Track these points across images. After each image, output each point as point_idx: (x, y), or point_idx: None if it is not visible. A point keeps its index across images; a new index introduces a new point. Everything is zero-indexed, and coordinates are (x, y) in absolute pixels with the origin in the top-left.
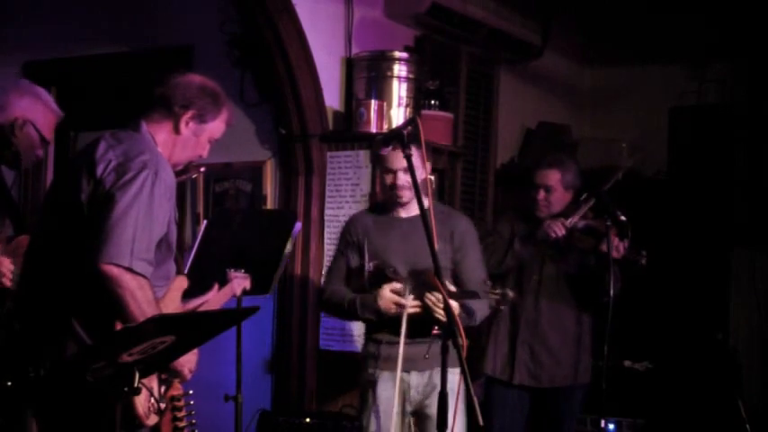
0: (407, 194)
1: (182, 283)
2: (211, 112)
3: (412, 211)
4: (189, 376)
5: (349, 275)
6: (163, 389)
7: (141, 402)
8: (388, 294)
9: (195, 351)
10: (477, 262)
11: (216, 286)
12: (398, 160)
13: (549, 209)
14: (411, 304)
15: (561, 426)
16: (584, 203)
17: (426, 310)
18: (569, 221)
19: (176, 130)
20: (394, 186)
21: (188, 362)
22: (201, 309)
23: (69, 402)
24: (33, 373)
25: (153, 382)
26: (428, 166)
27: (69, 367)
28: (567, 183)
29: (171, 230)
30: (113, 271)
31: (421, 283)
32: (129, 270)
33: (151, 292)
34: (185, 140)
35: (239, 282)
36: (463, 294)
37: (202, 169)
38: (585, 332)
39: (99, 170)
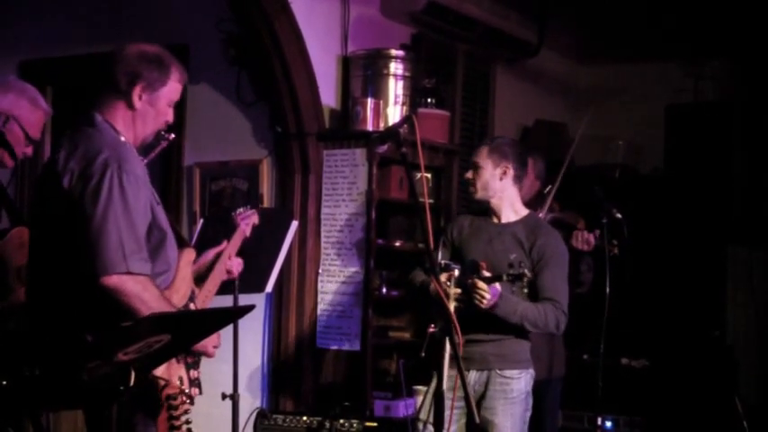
0: (472, 189)
1: (189, 256)
2: (160, 79)
3: (504, 217)
4: (214, 354)
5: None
6: (194, 374)
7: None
8: (440, 280)
9: None
10: (556, 278)
11: (225, 241)
12: (475, 154)
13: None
14: (453, 291)
15: (543, 419)
16: (548, 196)
17: (467, 303)
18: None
19: (131, 107)
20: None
21: (211, 340)
22: (218, 262)
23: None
24: (28, 373)
25: (181, 370)
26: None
27: (65, 367)
28: (537, 173)
29: (157, 214)
30: (114, 281)
31: (470, 273)
32: (129, 273)
33: (156, 289)
34: (144, 114)
35: (246, 221)
36: (492, 278)
37: (172, 136)
38: None
39: (65, 182)
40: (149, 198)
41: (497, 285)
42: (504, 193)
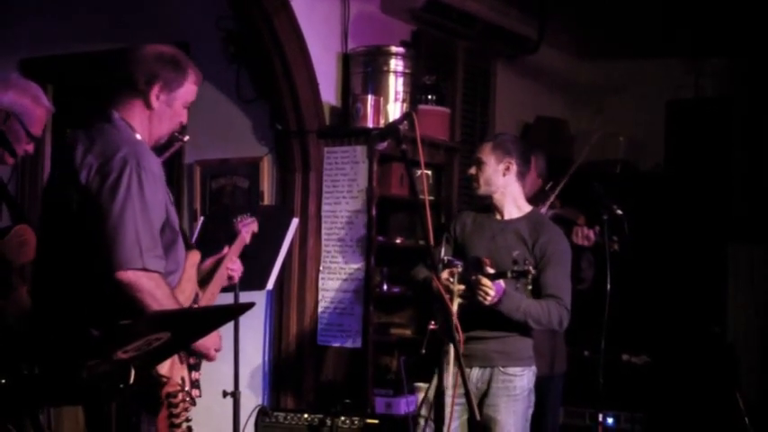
0: (475, 184)
1: (195, 258)
2: (177, 79)
3: (507, 214)
4: (216, 356)
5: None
6: (195, 375)
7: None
8: (442, 277)
9: (218, 330)
10: (559, 275)
11: (226, 247)
12: (478, 150)
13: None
14: (457, 287)
15: (545, 416)
16: (551, 193)
17: (471, 299)
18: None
19: (148, 107)
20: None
21: (213, 343)
22: (219, 269)
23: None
24: (27, 371)
25: (183, 371)
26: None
27: (65, 365)
28: (539, 170)
29: (170, 213)
30: (129, 276)
31: (473, 269)
32: (144, 270)
33: (168, 287)
34: (160, 114)
35: (247, 228)
36: (497, 275)
37: (186, 138)
38: None
39: (82, 177)
40: (164, 197)
41: (501, 282)
42: (507, 189)
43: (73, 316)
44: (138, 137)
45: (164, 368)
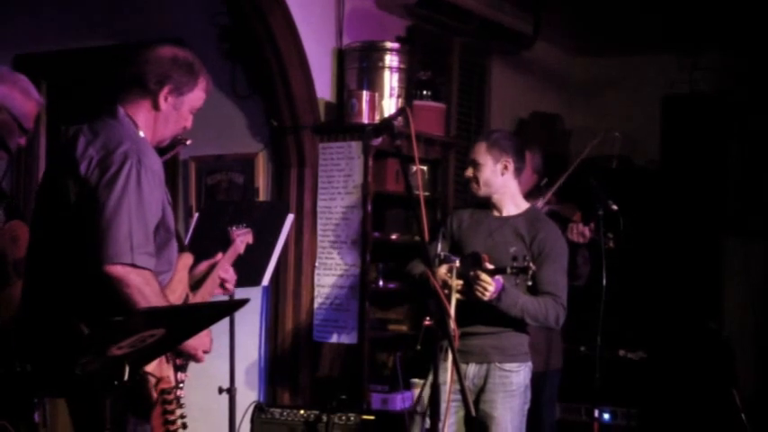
0: (474, 186)
1: (187, 260)
2: (188, 84)
3: (505, 211)
4: (204, 358)
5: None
6: (181, 376)
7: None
8: (440, 272)
9: (208, 332)
10: (556, 272)
11: (220, 254)
12: (473, 151)
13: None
14: (455, 282)
15: (540, 412)
16: (547, 189)
17: (469, 295)
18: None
19: (155, 107)
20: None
21: (201, 344)
22: (212, 274)
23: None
24: (20, 368)
25: (170, 371)
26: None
27: (58, 362)
28: (535, 166)
29: (167, 213)
30: (118, 271)
31: (471, 265)
32: (133, 266)
33: (157, 285)
34: (166, 116)
35: (242, 238)
36: (496, 271)
37: (189, 142)
38: None
39: (82, 169)
40: (162, 197)
41: (500, 278)
42: (506, 187)
43: (64, 310)
44: (142, 134)
45: (150, 368)
